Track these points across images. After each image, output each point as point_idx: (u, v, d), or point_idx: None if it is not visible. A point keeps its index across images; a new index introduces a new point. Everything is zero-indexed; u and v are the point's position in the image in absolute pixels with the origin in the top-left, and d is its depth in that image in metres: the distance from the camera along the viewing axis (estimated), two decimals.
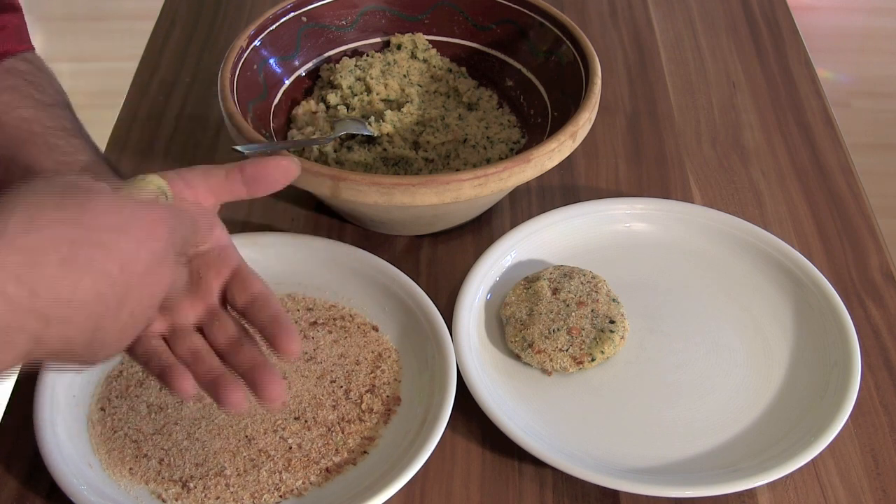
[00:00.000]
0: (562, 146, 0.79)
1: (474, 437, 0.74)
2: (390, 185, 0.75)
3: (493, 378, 0.77)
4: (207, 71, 1.09)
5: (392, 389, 0.75)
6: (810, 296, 0.82)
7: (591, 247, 0.87)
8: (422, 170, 0.88)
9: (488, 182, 0.76)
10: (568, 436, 0.73)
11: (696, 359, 0.78)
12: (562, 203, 0.90)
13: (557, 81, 0.91)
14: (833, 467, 0.73)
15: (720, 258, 0.86)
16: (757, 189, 0.96)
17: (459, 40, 0.99)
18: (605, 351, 0.76)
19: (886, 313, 0.84)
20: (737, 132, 1.03)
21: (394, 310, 0.80)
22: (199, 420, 0.73)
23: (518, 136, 0.92)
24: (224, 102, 0.82)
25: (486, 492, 0.71)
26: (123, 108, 1.05)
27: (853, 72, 2.60)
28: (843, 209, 0.94)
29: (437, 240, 0.89)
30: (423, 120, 0.91)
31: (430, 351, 0.76)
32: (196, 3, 1.21)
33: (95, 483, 0.68)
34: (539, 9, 0.93)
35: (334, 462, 0.71)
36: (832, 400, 0.73)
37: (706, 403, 0.76)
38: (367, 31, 0.98)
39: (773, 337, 0.80)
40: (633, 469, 0.71)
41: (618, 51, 1.14)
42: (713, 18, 1.20)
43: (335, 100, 0.92)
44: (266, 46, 0.91)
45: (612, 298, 0.80)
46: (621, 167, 0.98)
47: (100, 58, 2.56)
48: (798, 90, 1.09)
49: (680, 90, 1.08)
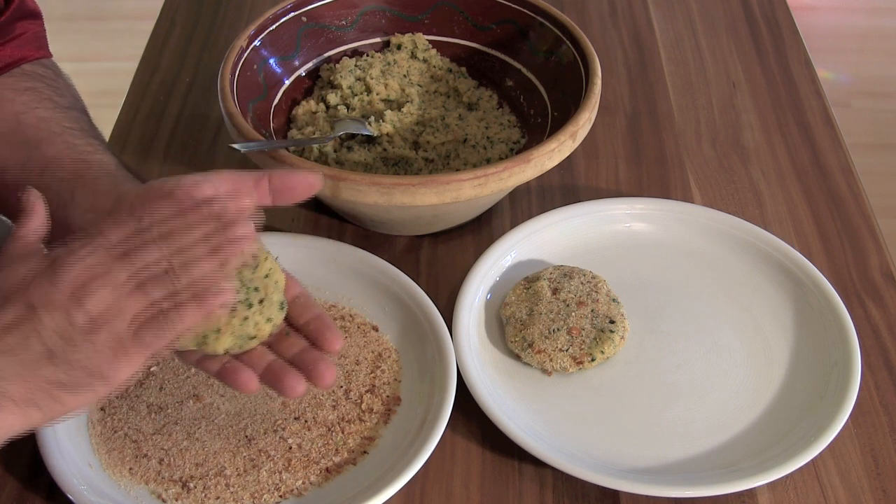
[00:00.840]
0: (562, 146, 0.79)
1: (474, 437, 0.74)
2: (390, 185, 0.75)
3: (493, 378, 0.77)
4: (207, 71, 1.09)
5: (392, 389, 0.75)
6: (810, 296, 0.81)
7: (591, 247, 0.87)
8: (422, 170, 0.88)
9: (488, 182, 0.76)
10: (568, 436, 0.73)
11: (696, 359, 0.78)
12: (562, 203, 0.90)
13: (557, 81, 0.91)
14: (833, 467, 0.73)
15: (720, 258, 0.86)
16: (757, 189, 0.96)
17: (459, 40, 0.99)
18: (605, 351, 0.76)
19: (886, 313, 0.84)
20: (737, 132, 1.03)
21: (394, 310, 0.80)
22: (199, 420, 0.73)
23: (518, 136, 0.92)
24: (224, 102, 0.82)
25: (486, 492, 0.71)
26: (123, 108, 1.05)
27: (853, 72, 2.60)
28: (843, 209, 0.94)
29: (437, 240, 0.89)
30: (423, 120, 0.91)
31: (430, 351, 0.76)
32: (196, 3, 1.21)
33: (95, 483, 0.68)
34: (539, 9, 0.93)
35: (334, 462, 0.71)
36: (832, 400, 0.73)
37: (706, 403, 0.76)
38: (367, 31, 0.98)
39: (773, 337, 0.80)
40: (633, 469, 0.71)
41: (618, 51, 1.14)
42: (713, 18, 1.20)
43: (335, 100, 0.92)
44: (266, 46, 0.91)
45: (612, 298, 0.80)
46: (621, 167, 0.98)
47: (100, 58, 2.56)
48: (798, 90, 1.09)
49: (680, 90, 1.08)
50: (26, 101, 0.74)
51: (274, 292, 0.62)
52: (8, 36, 0.77)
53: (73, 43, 2.59)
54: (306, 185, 0.64)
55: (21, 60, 0.77)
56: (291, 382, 0.61)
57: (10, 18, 0.77)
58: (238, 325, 0.60)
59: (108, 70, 2.36)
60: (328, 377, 0.62)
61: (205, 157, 0.98)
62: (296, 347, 0.64)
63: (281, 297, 0.63)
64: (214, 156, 0.98)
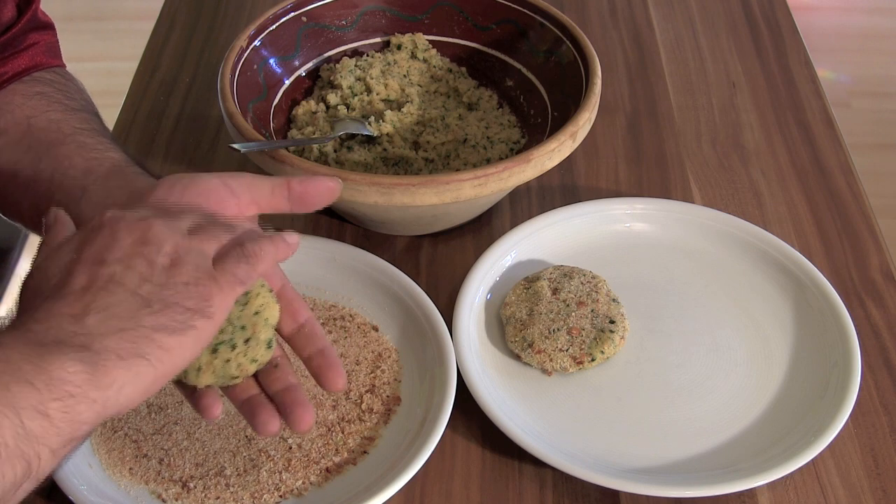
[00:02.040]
0: (562, 146, 0.79)
1: (474, 437, 0.74)
2: (390, 185, 0.75)
3: (493, 378, 0.77)
4: (207, 71, 1.09)
5: (392, 389, 0.75)
6: (810, 296, 0.81)
7: (591, 247, 0.87)
8: (422, 170, 0.88)
9: (488, 182, 0.76)
10: (568, 436, 0.73)
11: (696, 359, 0.78)
12: (562, 203, 0.90)
13: (557, 81, 0.91)
14: (833, 467, 0.73)
15: (720, 258, 0.86)
16: (757, 189, 0.96)
17: (459, 40, 0.99)
18: (605, 351, 0.76)
19: (886, 313, 0.84)
20: (737, 132, 1.03)
21: (394, 310, 0.80)
22: (199, 420, 0.73)
23: (518, 136, 0.92)
24: (224, 102, 0.82)
25: (486, 492, 0.71)
26: (123, 108, 1.05)
27: (853, 72, 2.60)
28: (843, 209, 0.94)
29: (437, 240, 0.89)
30: (423, 120, 0.91)
31: (430, 351, 0.76)
32: (196, 3, 1.21)
33: (95, 483, 0.68)
34: (539, 9, 0.93)
35: (334, 462, 0.71)
36: (832, 400, 0.73)
37: (706, 403, 0.76)
38: (367, 31, 0.98)
39: (773, 337, 0.80)
40: (633, 469, 0.71)
41: (618, 51, 1.14)
42: (713, 18, 1.20)
43: (335, 100, 0.92)
44: (266, 46, 0.91)
45: (612, 298, 0.80)
46: (621, 167, 0.98)
47: (100, 58, 2.56)
48: (798, 90, 1.09)
49: (680, 90, 1.08)
50: (36, 105, 0.74)
51: (262, 330, 0.59)
52: (20, 46, 0.78)
53: (73, 43, 2.58)
54: (327, 191, 0.63)
55: (33, 68, 0.78)
56: (264, 418, 0.60)
57: (22, 30, 0.78)
58: (220, 367, 0.58)
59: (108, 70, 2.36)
60: (305, 423, 0.60)
61: (205, 157, 0.98)
62: (280, 384, 0.61)
63: (270, 334, 0.60)
64: (214, 156, 0.98)
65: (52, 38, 0.81)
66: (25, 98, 0.75)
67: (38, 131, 0.72)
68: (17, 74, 0.77)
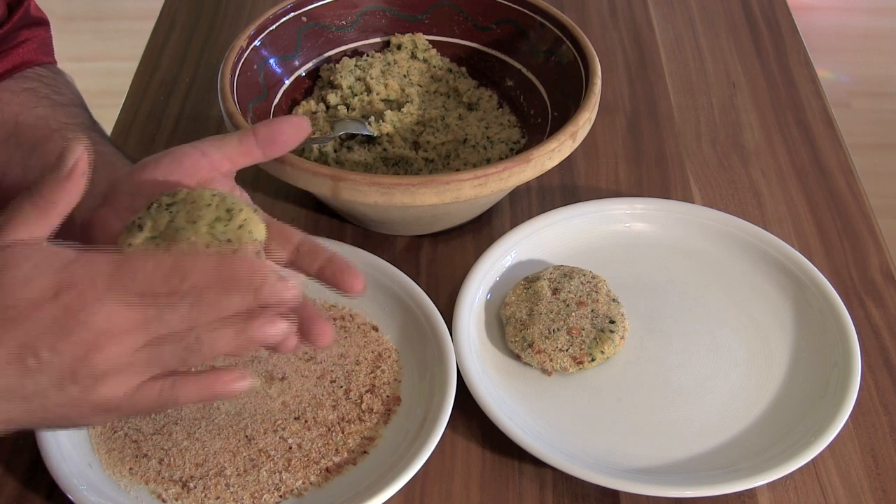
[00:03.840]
0: (562, 146, 0.79)
1: (474, 437, 0.74)
2: (390, 185, 0.75)
3: (493, 378, 0.77)
4: (207, 71, 1.09)
5: (392, 389, 0.75)
6: (810, 296, 0.82)
7: (591, 247, 0.87)
8: (422, 170, 0.88)
9: (488, 182, 0.76)
10: (568, 436, 0.73)
11: (696, 359, 0.78)
12: (562, 203, 0.90)
13: (557, 81, 0.91)
14: (833, 467, 0.73)
15: (720, 258, 0.86)
16: (757, 189, 0.96)
17: (459, 40, 0.99)
18: (605, 351, 0.76)
19: (886, 313, 0.84)
20: (737, 132, 1.03)
21: (394, 310, 0.80)
22: (199, 420, 0.73)
23: (518, 136, 0.92)
24: (224, 102, 0.82)
25: (486, 492, 0.71)
26: (123, 108, 1.05)
27: (853, 72, 2.60)
28: (843, 209, 0.94)
29: (437, 240, 0.89)
30: (423, 120, 0.91)
31: (430, 351, 0.76)
32: (196, 3, 1.21)
33: (95, 483, 0.68)
34: (539, 9, 0.94)
35: (334, 462, 0.71)
36: (832, 400, 0.73)
37: (706, 403, 0.76)
38: (367, 31, 0.99)
39: (773, 337, 0.80)
40: (633, 469, 0.71)
41: (618, 51, 1.14)
42: (713, 18, 1.20)
43: (335, 100, 0.92)
44: (266, 46, 0.91)
45: (612, 298, 0.80)
46: (621, 167, 0.98)
47: (100, 58, 2.57)
48: (798, 90, 1.09)
49: (680, 90, 1.08)
50: (24, 102, 0.74)
51: (249, 244, 0.57)
52: (11, 43, 0.77)
53: (73, 43, 2.59)
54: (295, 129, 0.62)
55: (24, 66, 0.77)
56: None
57: (14, 27, 0.77)
58: None
59: (108, 70, 2.36)
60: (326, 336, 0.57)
61: None
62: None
63: (258, 248, 0.58)
64: None
65: (45, 35, 0.81)
66: (13, 95, 0.75)
67: (26, 128, 0.72)
68: (7, 72, 0.76)
